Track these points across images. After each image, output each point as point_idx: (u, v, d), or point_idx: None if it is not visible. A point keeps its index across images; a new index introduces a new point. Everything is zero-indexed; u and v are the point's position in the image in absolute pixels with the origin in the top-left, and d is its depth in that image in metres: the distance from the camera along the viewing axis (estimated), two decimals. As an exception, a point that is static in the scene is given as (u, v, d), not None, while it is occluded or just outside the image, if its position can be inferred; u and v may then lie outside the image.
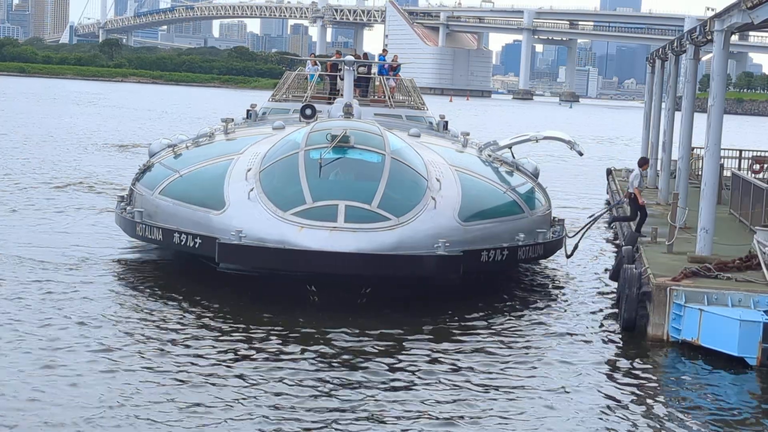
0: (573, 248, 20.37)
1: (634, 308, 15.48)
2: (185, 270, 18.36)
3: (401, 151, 17.89)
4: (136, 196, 19.95)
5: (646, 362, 14.26)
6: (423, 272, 15.97)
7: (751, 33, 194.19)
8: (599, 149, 64.67)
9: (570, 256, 20.38)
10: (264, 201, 16.43)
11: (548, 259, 20.37)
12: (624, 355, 14.59)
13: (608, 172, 37.80)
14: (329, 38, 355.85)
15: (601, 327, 16.04)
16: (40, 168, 36.17)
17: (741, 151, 35.87)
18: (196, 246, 16.61)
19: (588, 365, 13.77)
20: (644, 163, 21.43)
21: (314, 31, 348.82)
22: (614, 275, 19.08)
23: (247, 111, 26.20)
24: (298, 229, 15.68)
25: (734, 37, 19.50)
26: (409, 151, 18.28)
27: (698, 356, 14.28)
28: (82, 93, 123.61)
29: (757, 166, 34.06)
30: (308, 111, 22.41)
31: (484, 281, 17.93)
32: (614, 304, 17.48)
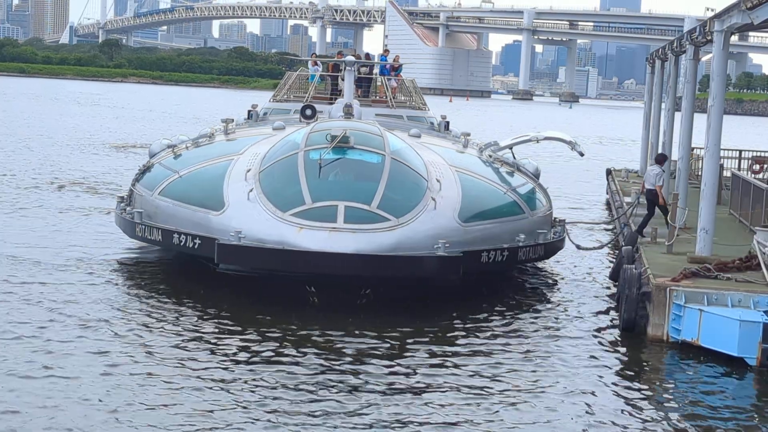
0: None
1: (633, 308, 15.47)
2: (185, 271, 18.35)
3: (401, 152, 17.87)
4: (135, 196, 19.94)
5: (646, 363, 14.26)
6: (423, 273, 15.95)
7: (751, 33, 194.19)
8: (599, 150, 64.67)
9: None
10: (263, 201, 16.41)
11: (548, 260, 20.36)
12: (624, 355, 14.59)
13: (608, 172, 37.80)
14: (329, 38, 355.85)
15: (600, 327, 16.03)
16: (41, 168, 36.16)
17: (741, 151, 35.87)
18: (196, 247, 16.60)
19: (588, 366, 13.77)
20: (663, 160, 21.27)
21: (314, 32, 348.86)
22: (614, 275, 19.09)
23: (248, 111, 26.18)
24: (297, 230, 15.67)
25: (734, 38, 19.49)
26: (409, 151, 18.27)
27: (698, 357, 14.27)
28: (82, 93, 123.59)
29: (757, 167, 34.06)
30: (308, 111, 22.39)
31: (484, 282, 17.91)
32: (614, 304, 17.48)
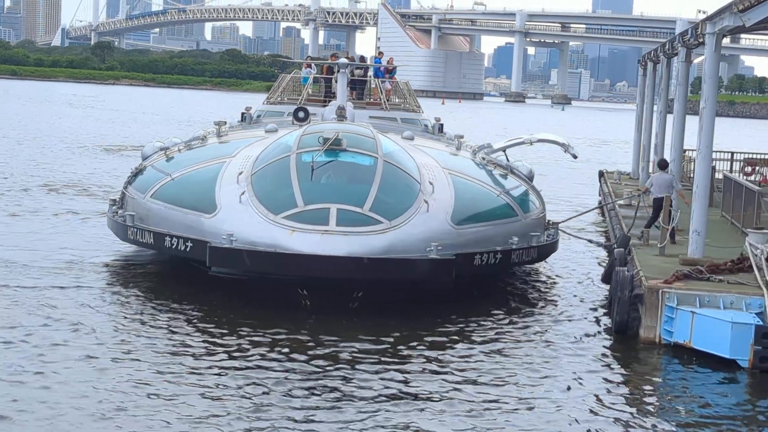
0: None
1: (626, 311, 15.48)
2: (177, 274, 18.31)
3: (394, 154, 17.86)
4: (127, 199, 19.90)
5: (638, 365, 14.26)
6: (415, 276, 15.93)
7: (743, 35, 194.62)
8: (591, 152, 64.74)
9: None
10: (255, 204, 16.38)
11: (541, 262, 20.37)
12: (616, 357, 14.59)
13: (600, 174, 37.84)
14: (321, 41, 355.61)
15: (593, 329, 16.03)
16: (33, 170, 36.07)
17: (733, 153, 35.95)
18: (187, 250, 16.56)
19: (580, 368, 13.76)
20: (666, 165, 20.85)
21: (306, 34, 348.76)
22: (606, 278, 19.10)
23: (242, 114, 26.15)
24: (289, 233, 15.64)
25: (726, 40, 19.52)
26: (402, 154, 18.25)
27: (690, 358, 14.29)
28: (75, 96, 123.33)
29: (748, 169, 34.14)
30: (301, 114, 22.36)
31: (477, 285, 17.90)
32: (606, 306, 17.49)
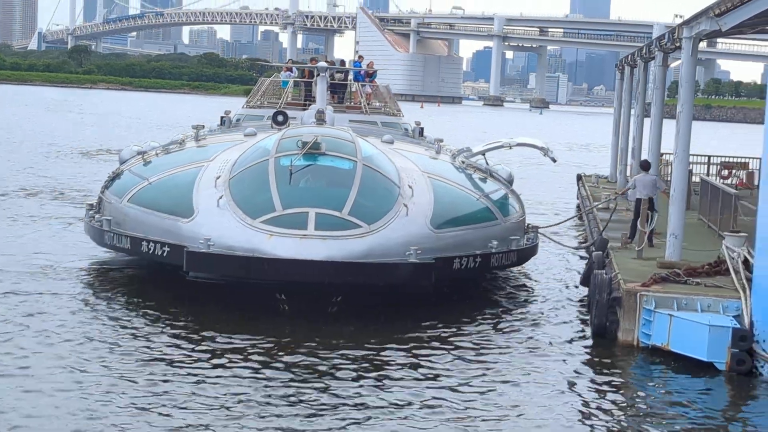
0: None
1: (604, 314, 15.52)
2: (154, 279, 18.22)
3: (373, 158, 17.84)
4: (104, 203, 19.78)
5: (617, 368, 14.29)
6: (394, 280, 15.88)
7: (719, 40, 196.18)
8: (570, 155, 64.94)
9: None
10: (233, 208, 16.31)
11: (521, 266, 20.39)
12: (594, 360, 14.62)
13: (578, 177, 37.96)
14: (300, 45, 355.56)
15: (571, 333, 16.07)
16: (9, 175, 35.82)
17: (709, 157, 36.13)
18: (164, 254, 16.47)
19: (559, 371, 13.78)
20: (649, 166, 20.85)
21: (285, 38, 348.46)
22: (585, 281, 19.13)
23: (222, 117, 26.05)
24: (267, 237, 15.58)
25: (702, 44, 19.64)
26: (382, 157, 18.24)
27: (668, 361, 14.33)
28: (52, 100, 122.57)
29: (725, 172, 34.35)
30: (280, 117, 22.30)
31: (456, 288, 17.90)
32: (585, 309, 17.53)
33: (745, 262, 15.52)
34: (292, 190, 16.48)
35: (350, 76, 27.39)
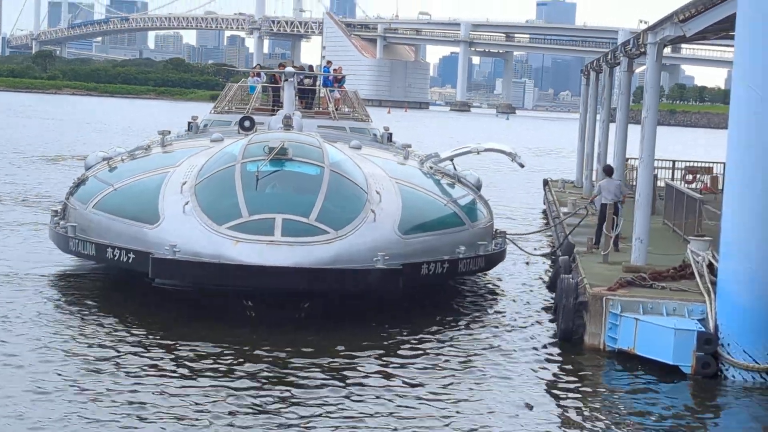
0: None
1: (571, 318, 15.59)
2: (120, 285, 18.07)
3: (340, 164, 17.81)
4: (69, 210, 19.61)
5: (583, 372, 14.34)
6: (362, 286, 15.84)
7: (684, 45, 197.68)
8: (536, 160, 65.24)
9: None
10: (199, 214, 16.21)
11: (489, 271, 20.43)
12: (561, 364, 14.66)
13: (545, 182, 38.14)
14: (266, 50, 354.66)
15: (538, 337, 16.11)
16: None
17: (674, 161, 36.45)
18: (130, 261, 16.34)
19: (525, 376, 13.82)
20: (612, 171, 21.02)
21: (251, 43, 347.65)
22: (551, 285, 19.23)
23: (189, 123, 25.90)
24: (233, 243, 15.49)
25: (667, 50, 19.80)
26: (349, 163, 18.21)
27: (634, 365, 14.41)
28: (17, 105, 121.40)
29: (690, 177, 34.64)
30: (247, 123, 22.22)
31: (424, 294, 17.90)
32: (552, 314, 17.59)
33: (710, 266, 15.64)
34: (258, 196, 16.41)
35: (319, 82, 27.35)
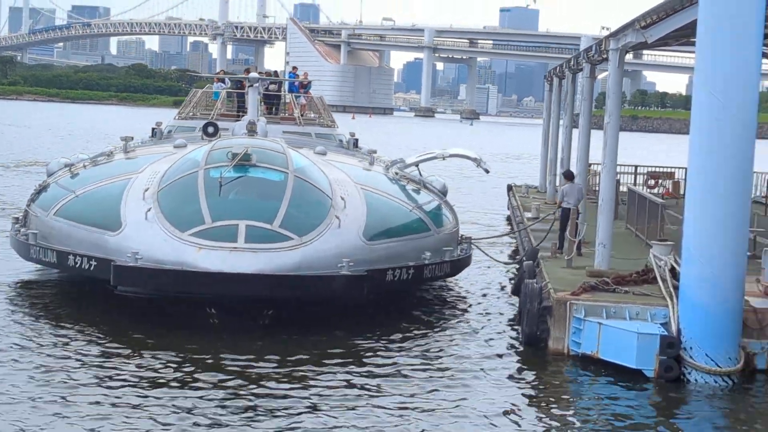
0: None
1: (535, 323, 15.63)
2: (82, 293, 17.88)
3: (305, 170, 17.75)
4: (31, 217, 19.39)
5: (547, 376, 14.39)
6: (326, 292, 15.78)
7: (645, 51, 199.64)
8: (500, 166, 65.47)
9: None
10: (162, 221, 16.08)
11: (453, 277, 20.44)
12: (525, 369, 14.70)
13: (509, 188, 38.29)
14: (230, 55, 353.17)
15: (503, 342, 16.15)
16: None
17: (636, 167, 36.73)
18: (91, 268, 16.17)
19: (490, 380, 13.84)
20: (573, 176, 21.18)
21: (214, 49, 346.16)
22: (515, 290, 19.27)
23: (153, 129, 25.74)
24: (196, 250, 15.38)
25: (629, 56, 19.95)
26: (313, 169, 18.16)
27: (598, 369, 14.47)
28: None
29: (652, 182, 34.94)
30: (210, 129, 22.11)
31: (389, 300, 17.87)
32: (516, 319, 17.63)
33: (672, 270, 15.76)
34: (221, 202, 16.31)
35: (284, 87, 27.30)
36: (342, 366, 14.16)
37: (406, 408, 12.41)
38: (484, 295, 20.19)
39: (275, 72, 30.79)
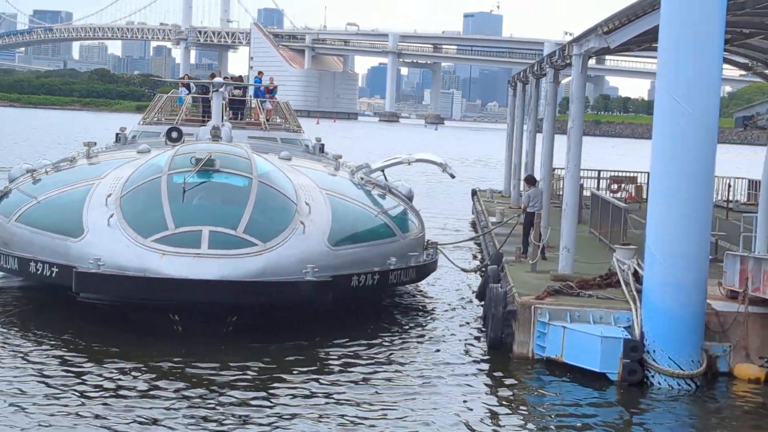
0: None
1: (499, 327, 15.66)
2: (45, 300, 17.67)
3: (269, 175, 17.67)
4: (-9, 223, 19.12)
5: (512, 380, 14.41)
6: (291, 298, 15.69)
7: (608, 57, 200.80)
8: (464, 170, 65.65)
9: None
10: (124, 227, 15.94)
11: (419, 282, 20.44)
12: (490, 373, 14.72)
13: (473, 192, 38.39)
14: (193, 60, 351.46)
15: (467, 346, 16.16)
16: None
17: (600, 171, 37.00)
18: (53, 275, 15.99)
19: (454, 385, 13.84)
20: (535, 180, 21.38)
21: (178, 53, 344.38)
22: (480, 295, 19.31)
23: (117, 134, 25.53)
24: (159, 257, 15.25)
25: (591, 61, 20.08)
26: (278, 174, 18.08)
27: (562, 373, 14.53)
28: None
29: (615, 186, 35.21)
30: (174, 134, 21.97)
31: (354, 305, 17.82)
32: (481, 323, 17.66)
33: (635, 274, 15.86)
34: (185, 207, 16.19)
35: (249, 92, 27.22)
36: (306, 374, 14.07)
37: (369, 413, 12.38)
38: (449, 300, 20.20)
39: (240, 77, 30.67)
